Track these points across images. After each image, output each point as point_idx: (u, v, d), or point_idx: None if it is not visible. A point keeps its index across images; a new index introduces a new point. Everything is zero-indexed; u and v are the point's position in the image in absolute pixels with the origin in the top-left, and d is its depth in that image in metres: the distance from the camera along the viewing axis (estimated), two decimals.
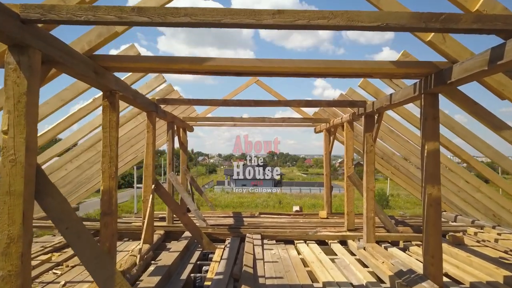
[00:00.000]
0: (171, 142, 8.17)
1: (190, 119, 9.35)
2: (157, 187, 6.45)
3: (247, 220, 8.93)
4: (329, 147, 10.00)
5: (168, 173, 8.15)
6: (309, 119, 9.60)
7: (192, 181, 9.97)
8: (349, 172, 7.85)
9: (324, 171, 10.14)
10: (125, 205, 38.22)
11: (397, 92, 5.18)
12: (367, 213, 6.61)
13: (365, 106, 6.56)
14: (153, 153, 6.40)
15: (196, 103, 6.59)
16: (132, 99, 5.20)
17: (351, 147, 7.97)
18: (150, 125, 6.38)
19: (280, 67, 3.98)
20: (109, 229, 4.47)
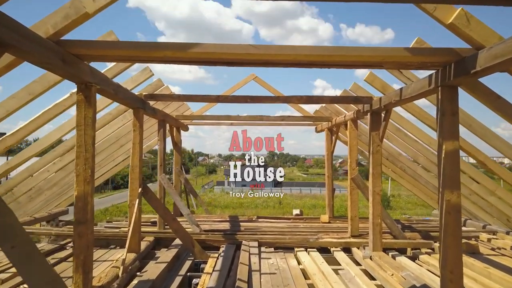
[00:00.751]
0: (162, 142, 7.63)
1: (184, 118, 8.82)
2: (144, 191, 5.92)
3: (244, 224, 8.39)
4: (331, 147, 9.46)
5: (159, 175, 7.62)
6: (310, 117, 9.07)
7: (187, 183, 9.44)
8: (353, 174, 7.31)
9: (326, 172, 9.61)
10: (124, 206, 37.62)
11: (409, 86, 4.64)
12: (373, 219, 6.07)
13: (371, 102, 6.03)
14: (140, 153, 5.87)
15: (187, 99, 6.07)
16: (113, 94, 4.66)
17: (355, 147, 7.44)
18: (137, 123, 5.85)
19: (278, 55, 3.44)
20: (83, 239, 3.94)
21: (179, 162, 9.43)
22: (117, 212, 35.13)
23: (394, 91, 5.12)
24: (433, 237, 7.45)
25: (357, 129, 7.48)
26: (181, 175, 9.32)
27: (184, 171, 46.51)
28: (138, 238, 5.86)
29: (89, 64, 4.04)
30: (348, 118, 7.43)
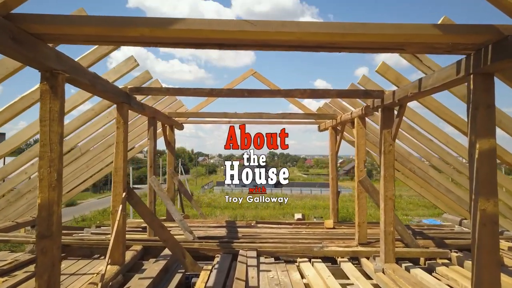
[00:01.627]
0: (152, 141, 7.00)
1: (178, 115, 8.18)
2: (129, 196, 5.29)
3: (242, 231, 7.76)
4: (335, 147, 8.82)
5: (149, 178, 6.99)
6: (312, 115, 8.43)
7: (181, 185, 8.81)
8: (361, 176, 6.68)
9: (330, 174, 8.97)
10: None
11: (430, 76, 4.01)
12: (385, 227, 5.44)
13: (383, 97, 5.39)
14: (124, 153, 5.24)
15: (177, 93, 5.45)
16: (89, 85, 4.03)
17: (363, 146, 6.80)
18: (121, 119, 5.21)
19: (279, 33, 2.81)
20: (48, 256, 3.31)
21: (173, 163, 8.80)
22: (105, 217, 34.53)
23: (411, 83, 4.49)
24: (448, 245, 6.82)
25: (365, 127, 6.84)
26: (174, 177, 8.69)
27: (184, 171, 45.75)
28: (122, 248, 5.22)
29: (56, 49, 3.43)
30: (355, 115, 6.80)
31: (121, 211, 5.05)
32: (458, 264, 5.89)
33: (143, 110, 6.16)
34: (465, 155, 6.38)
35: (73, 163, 7.98)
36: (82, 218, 33.47)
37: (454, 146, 6.18)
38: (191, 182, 72.78)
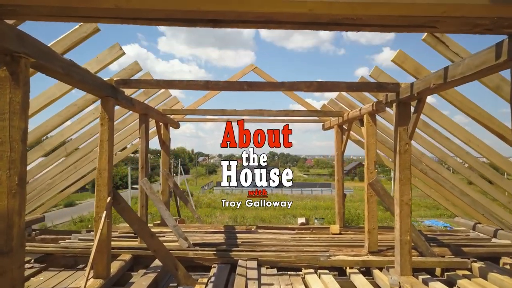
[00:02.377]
0: (144, 140, 6.44)
1: (172, 112, 7.61)
2: (115, 200, 4.72)
3: (242, 237, 7.19)
4: (341, 147, 8.25)
5: (140, 179, 6.42)
6: (317, 112, 7.86)
7: (176, 187, 8.24)
8: (371, 178, 6.12)
9: (336, 175, 8.40)
10: None
11: (460, 63, 3.45)
12: (401, 236, 4.87)
13: (399, 90, 4.83)
14: (109, 153, 4.67)
15: (168, 86, 4.88)
16: (62, 74, 3.47)
17: (373, 146, 6.24)
18: (105, 115, 4.64)
19: (288, 5, 2.25)
20: (7, 278, 2.75)
21: (167, 164, 8.23)
22: (114, 214, 33.90)
23: (434, 72, 3.92)
24: (466, 254, 6.26)
25: (376, 125, 6.28)
26: (169, 179, 8.12)
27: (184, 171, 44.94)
28: (106, 259, 4.66)
29: (19, 28, 2.87)
30: (364, 112, 6.24)
31: (105, 218, 4.49)
32: (481, 276, 5.33)
33: (132, 105, 5.59)
34: (488, 154, 5.82)
35: (61, 163, 7.43)
36: (80, 219, 32.83)
37: (476, 145, 5.61)
38: (191, 182, 72.21)
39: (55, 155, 6.88)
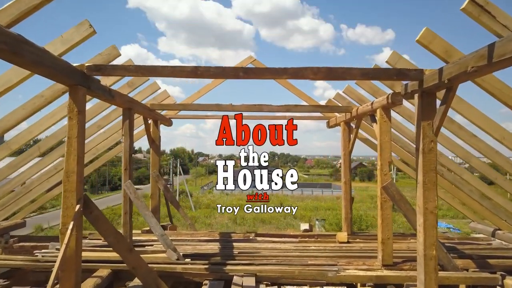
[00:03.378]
0: (128, 138, 5.69)
1: (161, 107, 6.85)
2: (86, 209, 3.98)
3: (239, 246, 6.45)
4: (348, 146, 7.50)
5: (124, 182, 5.67)
6: (322, 107, 7.09)
7: (166, 191, 7.48)
8: (385, 181, 5.36)
9: (343, 177, 7.64)
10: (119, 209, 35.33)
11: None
12: (425, 250, 4.11)
13: (422, 77, 4.07)
14: (79, 153, 3.92)
15: (150, 73, 4.11)
16: (8, 52, 2.72)
17: (388, 144, 5.49)
18: (74, 107, 3.89)
19: None
20: None
21: (157, 164, 7.48)
22: (111, 215, 33.14)
23: (473, 52, 3.17)
24: (493, 267, 5.52)
25: (390, 121, 5.53)
26: (159, 181, 7.36)
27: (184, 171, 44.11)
28: (75, 279, 3.90)
29: None
30: (377, 106, 5.49)
31: (72, 230, 3.74)
32: None
33: (112, 98, 4.83)
34: None
35: (37, 163, 6.68)
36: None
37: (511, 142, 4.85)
38: (191, 182, 71.60)
39: (27, 154, 6.14)
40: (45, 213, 35.28)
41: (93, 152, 7.73)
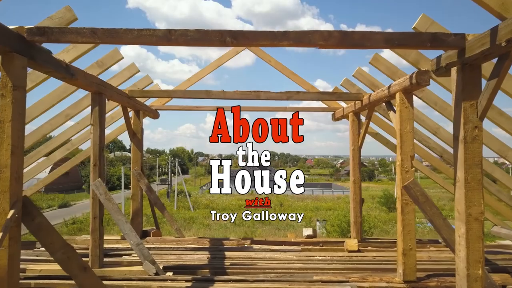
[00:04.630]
0: (97, 127, 4.74)
1: (142, 94, 5.89)
2: (26, 215, 3.03)
3: (232, 255, 5.50)
4: (358, 139, 6.55)
5: (92, 182, 4.72)
6: (329, 94, 6.12)
7: (149, 191, 6.52)
8: (406, 179, 4.42)
9: (351, 175, 6.67)
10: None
11: None
12: (468, 270, 3.16)
13: (464, 45, 3.13)
14: (14, 141, 2.98)
15: (110, 38, 3.17)
16: None
17: (410, 135, 4.54)
18: (8, 81, 2.95)
19: None
20: None
21: (139, 161, 6.53)
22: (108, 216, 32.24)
23: None
24: None
25: (412, 107, 4.58)
26: (141, 180, 6.41)
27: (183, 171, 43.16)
28: None
29: None
30: (397, 89, 4.54)
31: (1, 241, 2.79)
32: None
33: (71, 76, 3.88)
34: None
35: None
36: (73, 220, 31.25)
37: None
38: (190, 182, 70.73)
39: None
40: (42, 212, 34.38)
41: (67, 148, 6.79)
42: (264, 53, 7.71)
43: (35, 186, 7.66)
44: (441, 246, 6.14)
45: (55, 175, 7.68)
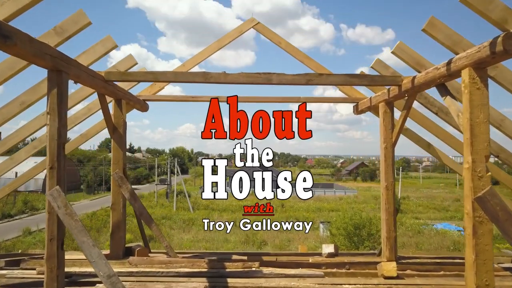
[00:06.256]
0: (55, 116, 3.47)
1: (122, 77, 4.58)
2: None
3: (236, 283, 4.25)
4: (391, 136, 5.29)
5: (48, 190, 3.46)
6: (359, 77, 4.81)
7: (133, 199, 5.21)
8: (480, 188, 3.17)
9: (383, 180, 5.37)
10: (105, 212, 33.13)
11: None
12: None
13: None
14: None
15: None
16: None
17: (484, 127, 3.28)
18: None
19: None
20: None
21: (122, 161, 5.25)
22: (105, 217, 30.94)
23: None
24: None
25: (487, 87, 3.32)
26: (123, 186, 5.13)
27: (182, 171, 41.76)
28: None
29: None
30: (463, 64, 3.29)
31: None
32: None
33: (3, 40, 2.63)
34: None
35: None
36: None
37: None
38: (190, 182, 69.30)
39: None
40: (36, 214, 33.26)
41: (34, 146, 5.53)
42: (273, 34, 6.48)
43: (1, 191, 6.41)
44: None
45: (25, 177, 6.42)
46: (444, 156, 6.34)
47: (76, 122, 5.67)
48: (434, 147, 6.25)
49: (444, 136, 5.63)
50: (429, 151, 6.31)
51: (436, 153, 6.27)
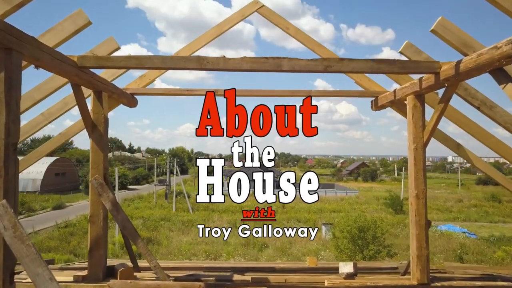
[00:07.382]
0: (2, 111, 2.64)
1: (99, 63, 3.74)
2: None
3: None
4: (421, 134, 4.44)
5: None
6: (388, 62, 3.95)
7: (115, 210, 4.32)
8: None
9: (412, 187, 4.50)
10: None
11: None
12: None
13: None
14: None
15: None
16: None
17: None
18: None
19: None
20: None
21: (102, 165, 4.39)
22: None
23: None
24: None
25: None
26: (103, 194, 4.28)
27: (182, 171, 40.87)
28: None
29: None
30: None
31: None
32: None
33: None
34: None
35: None
36: (66, 223, 29.04)
37: None
38: (189, 182, 68.29)
39: None
40: (33, 215, 32.40)
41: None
42: (280, 18, 5.66)
43: None
44: None
45: None
46: (475, 158, 5.52)
47: (51, 119, 4.82)
48: (463, 148, 5.45)
49: (482, 136, 4.80)
50: (458, 152, 5.50)
51: (466, 155, 5.44)
